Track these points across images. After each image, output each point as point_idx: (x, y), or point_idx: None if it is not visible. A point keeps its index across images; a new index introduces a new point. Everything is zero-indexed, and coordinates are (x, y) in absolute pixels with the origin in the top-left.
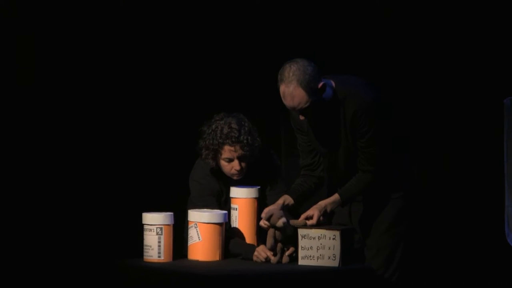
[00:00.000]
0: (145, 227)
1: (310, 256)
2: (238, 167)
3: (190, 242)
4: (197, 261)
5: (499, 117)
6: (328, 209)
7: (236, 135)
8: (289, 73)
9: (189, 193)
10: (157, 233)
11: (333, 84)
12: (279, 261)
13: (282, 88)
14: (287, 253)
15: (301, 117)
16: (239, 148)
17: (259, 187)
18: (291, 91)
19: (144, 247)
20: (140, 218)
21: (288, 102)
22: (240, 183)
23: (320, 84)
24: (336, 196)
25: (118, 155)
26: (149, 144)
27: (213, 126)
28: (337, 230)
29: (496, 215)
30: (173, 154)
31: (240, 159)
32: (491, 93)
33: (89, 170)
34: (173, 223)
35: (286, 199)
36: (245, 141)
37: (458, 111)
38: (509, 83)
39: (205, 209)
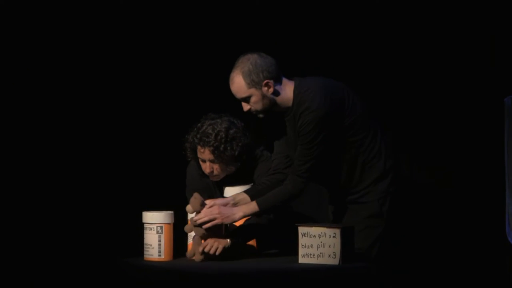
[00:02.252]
0: (146, 225)
1: (310, 254)
2: (208, 169)
3: (190, 241)
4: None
5: (499, 116)
6: (240, 215)
7: (207, 139)
8: (239, 60)
9: None
10: (157, 232)
11: (292, 86)
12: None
13: (230, 73)
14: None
15: (245, 108)
16: (208, 152)
17: (252, 184)
18: (233, 76)
19: (145, 246)
20: (140, 216)
21: (230, 87)
22: (233, 184)
23: (265, 81)
24: (254, 205)
25: (119, 154)
26: (150, 143)
27: (199, 124)
28: (338, 228)
29: (496, 214)
30: (174, 153)
31: (211, 161)
32: (491, 91)
33: (90, 170)
34: (173, 221)
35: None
36: (212, 147)
37: (458, 109)
38: (509, 81)
39: None
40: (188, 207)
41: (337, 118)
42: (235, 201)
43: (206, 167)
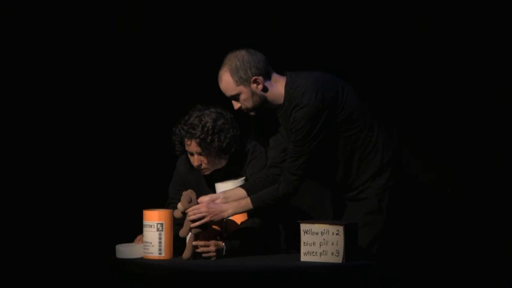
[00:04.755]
0: (145, 223)
1: (312, 252)
2: (196, 163)
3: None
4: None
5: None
6: (230, 212)
7: (193, 131)
8: (227, 57)
9: None
10: (157, 229)
11: (283, 82)
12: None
13: (219, 71)
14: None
15: (235, 106)
16: (195, 145)
17: (244, 177)
18: (221, 74)
19: (144, 244)
20: (140, 215)
21: (219, 85)
22: (224, 180)
23: (253, 78)
24: (247, 202)
25: (118, 152)
26: (150, 140)
27: (187, 116)
28: (341, 225)
29: (501, 210)
30: (172, 150)
31: (199, 154)
32: (501, 87)
33: (89, 168)
34: (173, 219)
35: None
36: (198, 139)
37: (465, 105)
38: None
39: None
40: (179, 205)
41: (330, 114)
42: (226, 196)
43: (194, 160)
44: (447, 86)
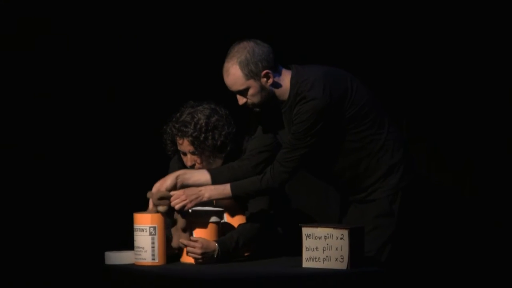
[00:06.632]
0: (136, 227)
1: (315, 258)
2: (189, 163)
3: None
4: (192, 264)
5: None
6: (206, 196)
7: (185, 129)
8: (234, 49)
9: None
10: (150, 233)
11: (289, 75)
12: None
13: (224, 63)
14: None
15: (240, 102)
16: (187, 143)
17: (222, 209)
18: (228, 67)
19: (135, 249)
20: (129, 219)
21: (224, 79)
22: None
23: (264, 72)
24: (225, 188)
25: (106, 155)
26: (140, 141)
27: (178, 113)
28: (346, 228)
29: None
30: (165, 154)
31: (192, 154)
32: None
33: (74, 172)
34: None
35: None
36: (190, 137)
37: (476, 102)
38: None
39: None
40: (157, 188)
41: (338, 110)
42: (186, 177)
43: (187, 160)
44: (462, 84)
